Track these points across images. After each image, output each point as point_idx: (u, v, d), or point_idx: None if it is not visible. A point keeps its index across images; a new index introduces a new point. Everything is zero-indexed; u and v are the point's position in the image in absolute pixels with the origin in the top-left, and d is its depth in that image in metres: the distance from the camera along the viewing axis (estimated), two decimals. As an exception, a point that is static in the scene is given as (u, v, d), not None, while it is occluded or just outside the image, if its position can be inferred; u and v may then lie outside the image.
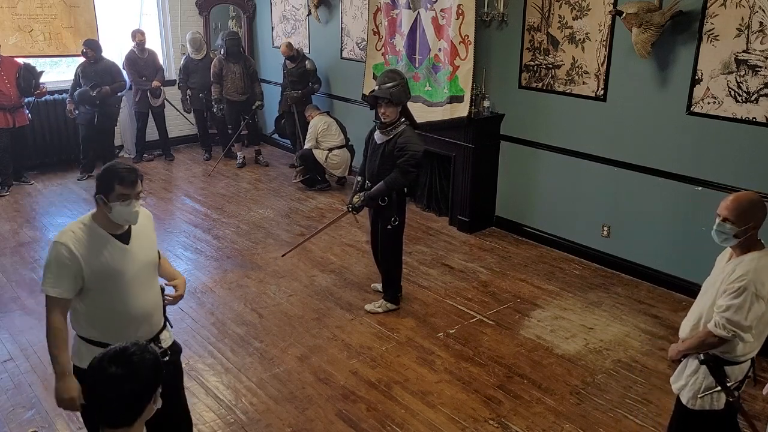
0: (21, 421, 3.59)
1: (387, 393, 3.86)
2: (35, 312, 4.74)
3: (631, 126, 5.12)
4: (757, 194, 2.66)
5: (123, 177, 2.56)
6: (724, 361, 2.64)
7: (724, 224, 2.60)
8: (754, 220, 2.57)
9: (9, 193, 7.28)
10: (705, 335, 2.62)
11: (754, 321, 2.53)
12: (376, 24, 6.94)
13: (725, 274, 2.61)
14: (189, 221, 6.58)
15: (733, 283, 2.53)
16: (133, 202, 2.57)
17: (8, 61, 7.18)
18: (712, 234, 2.67)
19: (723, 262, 2.75)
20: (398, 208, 4.63)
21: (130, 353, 1.78)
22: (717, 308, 2.57)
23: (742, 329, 2.51)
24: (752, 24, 4.30)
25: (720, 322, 2.54)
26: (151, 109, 8.42)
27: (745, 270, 2.53)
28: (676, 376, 2.85)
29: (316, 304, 4.90)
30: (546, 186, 5.89)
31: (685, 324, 2.81)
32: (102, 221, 2.61)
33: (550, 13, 5.49)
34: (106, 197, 2.54)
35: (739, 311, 2.50)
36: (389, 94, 4.35)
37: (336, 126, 7.42)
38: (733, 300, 2.52)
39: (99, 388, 1.75)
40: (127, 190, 2.55)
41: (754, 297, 2.50)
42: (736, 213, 2.57)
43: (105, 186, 2.55)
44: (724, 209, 2.61)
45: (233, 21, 9.58)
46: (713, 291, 2.66)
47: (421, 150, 4.49)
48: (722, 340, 2.57)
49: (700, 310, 2.71)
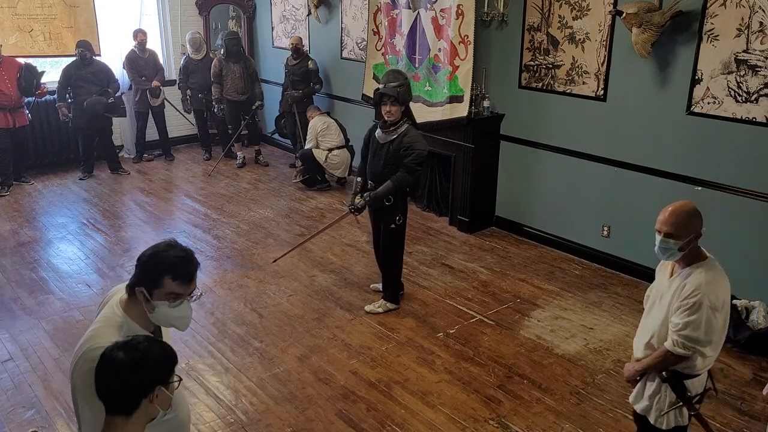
0: (21, 421, 3.59)
1: (387, 393, 3.86)
2: (35, 312, 4.75)
3: (631, 126, 5.12)
4: (690, 203, 2.59)
5: (178, 270, 2.00)
6: (684, 376, 2.59)
7: (667, 240, 2.51)
8: (694, 231, 2.50)
9: (9, 193, 7.28)
10: (663, 355, 2.56)
11: (712, 334, 2.47)
12: (376, 24, 6.94)
13: (675, 290, 2.53)
14: (189, 221, 6.58)
15: (687, 300, 2.46)
16: (185, 304, 2.04)
17: (9, 61, 7.18)
18: (656, 251, 2.59)
19: (666, 275, 2.67)
20: (402, 207, 4.64)
21: (137, 342, 1.82)
22: (673, 327, 2.50)
23: (701, 344, 2.47)
24: (752, 24, 4.30)
25: (678, 341, 2.48)
26: (151, 109, 8.42)
27: (696, 284, 2.46)
28: (635, 396, 2.79)
29: (316, 304, 4.90)
30: (546, 186, 5.89)
31: (638, 342, 2.75)
32: (136, 316, 2.05)
33: (550, 13, 5.49)
34: (149, 293, 1.99)
35: (697, 327, 2.44)
36: (396, 93, 4.36)
37: (336, 126, 7.42)
38: (688, 317, 2.45)
39: (102, 371, 1.80)
40: (180, 289, 2.00)
41: (709, 310, 2.45)
42: (678, 227, 2.49)
43: (150, 278, 1.99)
44: (664, 225, 2.53)
45: (233, 21, 9.57)
46: (663, 307, 2.59)
47: (427, 149, 4.52)
48: (681, 358, 2.52)
49: (652, 327, 2.64)
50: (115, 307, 2.06)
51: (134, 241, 6.03)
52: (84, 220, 6.59)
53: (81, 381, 1.95)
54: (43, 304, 4.87)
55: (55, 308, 4.81)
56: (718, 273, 2.53)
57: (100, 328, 2.02)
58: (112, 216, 6.73)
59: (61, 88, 7.54)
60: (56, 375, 3.97)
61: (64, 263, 5.58)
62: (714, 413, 3.67)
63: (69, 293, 5.04)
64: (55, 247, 5.94)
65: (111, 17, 8.30)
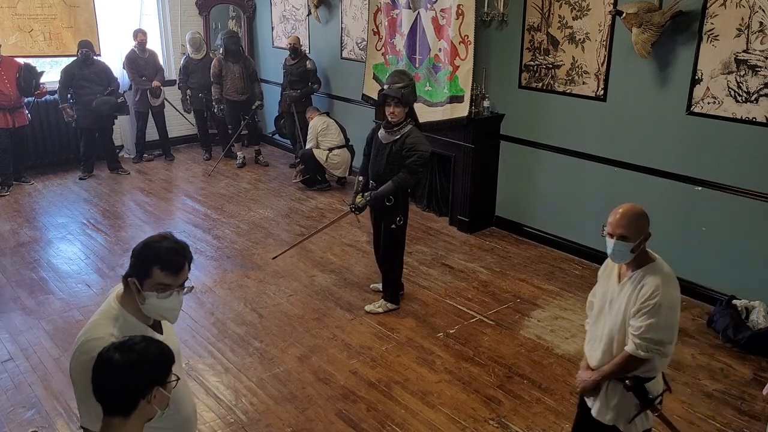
0: (21, 421, 3.58)
1: (387, 393, 3.86)
2: (35, 312, 4.75)
3: (631, 126, 5.12)
4: (638, 206, 2.57)
5: (166, 261, 2.00)
6: (645, 379, 2.57)
7: (621, 242, 2.48)
8: (644, 232, 2.49)
9: (9, 193, 7.28)
10: (625, 360, 2.51)
11: (673, 333, 2.48)
12: (376, 24, 6.94)
13: (630, 294, 2.50)
14: (189, 221, 6.58)
15: (647, 302, 2.43)
16: (174, 295, 2.03)
17: (8, 61, 7.18)
18: (610, 255, 2.55)
19: (612, 280, 2.63)
20: (403, 207, 4.64)
21: (133, 343, 1.81)
22: (634, 330, 2.46)
23: (664, 345, 2.46)
24: (752, 24, 4.30)
25: (642, 344, 2.45)
26: (151, 109, 8.42)
27: (654, 286, 2.44)
28: (599, 409, 2.68)
29: (316, 304, 4.90)
30: (546, 186, 5.88)
31: (591, 350, 2.70)
32: (132, 308, 2.06)
33: (550, 13, 5.49)
34: (140, 283, 2.00)
35: (660, 329, 2.43)
36: (400, 94, 4.36)
37: (335, 126, 7.42)
38: (650, 319, 2.42)
39: (98, 372, 1.79)
40: (169, 279, 2.00)
41: (669, 310, 2.44)
42: (631, 229, 2.47)
43: (141, 269, 2.00)
44: (617, 227, 2.50)
45: (233, 21, 9.57)
46: (618, 312, 2.54)
47: (429, 150, 4.52)
48: (644, 361, 2.49)
49: (609, 334, 2.59)
50: (112, 301, 2.08)
51: (134, 241, 5.96)
52: (84, 220, 6.59)
53: (78, 372, 1.97)
54: (43, 304, 4.87)
55: (55, 308, 4.81)
56: (669, 273, 2.53)
57: (97, 320, 2.05)
58: (112, 216, 6.73)
59: (63, 88, 7.53)
60: (56, 375, 3.97)
61: (64, 263, 5.58)
62: (714, 413, 3.68)
63: (69, 293, 5.04)
64: (55, 247, 5.94)
65: (111, 17, 8.30)
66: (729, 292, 4.64)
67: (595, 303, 2.74)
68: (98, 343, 1.94)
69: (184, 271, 2.05)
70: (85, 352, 1.94)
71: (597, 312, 2.69)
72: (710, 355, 4.26)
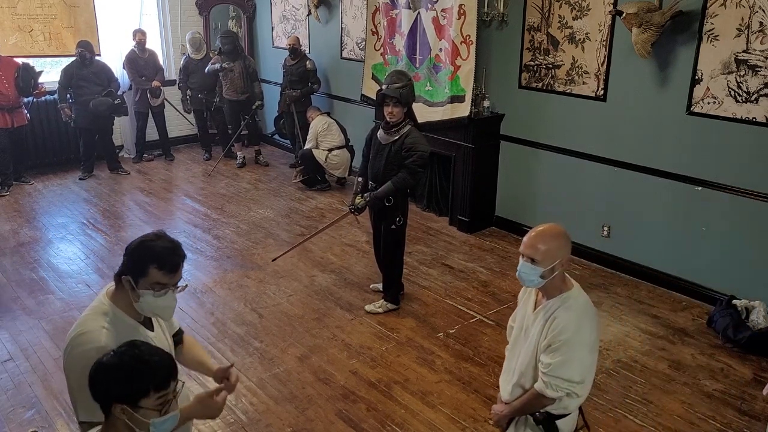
0: (21, 421, 3.58)
1: (387, 393, 3.86)
2: (35, 312, 4.75)
3: (631, 126, 5.12)
4: (559, 227, 2.36)
5: (163, 260, 2.00)
6: (557, 416, 2.37)
7: (528, 265, 2.27)
8: (559, 258, 2.26)
9: (9, 193, 7.28)
10: (533, 397, 2.33)
11: (586, 374, 2.29)
12: (374, 24, 6.94)
13: (542, 325, 2.30)
14: (189, 221, 6.58)
15: (557, 337, 2.23)
16: (170, 294, 2.04)
17: (7, 60, 7.17)
18: (518, 276, 2.33)
19: (529, 305, 2.43)
20: (402, 208, 4.64)
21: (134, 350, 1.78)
22: (543, 367, 2.27)
23: (575, 385, 2.26)
24: (752, 24, 4.30)
25: (551, 383, 2.25)
26: (151, 109, 8.42)
27: (566, 321, 2.24)
28: None
29: (316, 304, 4.90)
30: (546, 186, 5.88)
31: (504, 383, 2.50)
32: (123, 305, 2.06)
33: (550, 13, 5.49)
34: (135, 282, 2.00)
35: (569, 367, 2.23)
36: (398, 94, 4.35)
37: (336, 126, 7.42)
38: (559, 357, 2.23)
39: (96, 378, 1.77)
40: (165, 278, 2.01)
41: (581, 348, 2.25)
42: (541, 252, 2.25)
43: (136, 267, 2.01)
44: (527, 248, 2.28)
45: (233, 21, 9.57)
46: (530, 344, 2.35)
47: (428, 151, 4.52)
48: (553, 399, 2.30)
49: (520, 367, 2.40)
50: (102, 297, 2.10)
51: (134, 241, 6.02)
52: (84, 220, 6.59)
53: (71, 365, 1.99)
54: (43, 304, 4.87)
55: (55, 308, 4.81)
56: (585, 304, 2.34)
57: (87, 315, 2.07)
58: (112, 216, 6.73)
59: (62, 88, 7.53)
60: (56, 375, 3.96)
61: (64, 263, 5.58)
62: (714, 413, 3.68)
63: (69, 293, 5.04)
64: (55, 247, 5.94)
65: (111, 17, 8.30)
66: (729, 292, 4.64)
67: (513, 328, 2.54)
68: (90, 336, 1.97)
69: (180, 270, 2.07)
70: (77, 345, 1.97)
71: (513, 339, 2.50)
72: (710, 355, 4.26)
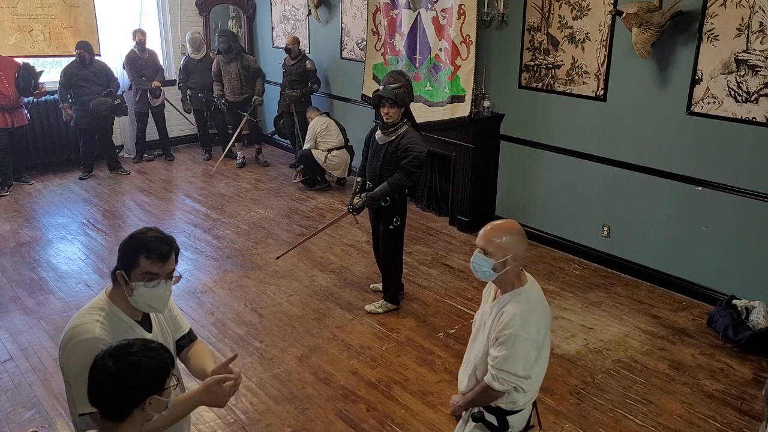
0: (21, 421, 3.58)
1: (387, 393, 3.86)
2: (35, 312, 4.75)
3: (631, 126, 5.12)
4: (515, 224, 2.39)
5: (151, 249, 2.02)
6: (506, 412, 2.41)
7: (480, 256, 2.32)
8: (512, 252, 2.29)
9: (9, 193, 7.28)
10: (483, 389, 2.37)
11: (530, 369, 2.31)
12: (375, 24, 6.94)
13: (493, 318, 2.35)
14: (189, 221, 6.58)
15: (503, 332, 2.27)
16: (162, 284, 2.04)
17: (7, 60, 7.18)
18: (471, 267, 2.39)
19: (489, 299, 2.48)
20: (400, 208, 4.63)
21: (131, 352, 1.78)
22: (491, 359, 2.32)
23: (520, 380, 2.29)
24: (752, 24, 4.30)
25: (498, 376, 2.29)
26: (151, 109, 8.42)
27: (512, 315, 2.28)
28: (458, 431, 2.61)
29: (316, 304, 4.90)
30: (546, 186, 5.88)
31: (462, 374, 2.56)
32: (121, 303, 2.07)
33: (550, 13, 5.49)
34: (127, 274, 2.01)
35: (514, 362, 2.27)
36: (394, 95, 4.35)
37: (335, 126, 7.41)
38: (504, 351, 2.27)
39: (93, 380, 1.77)
40: (155, 268, 2.02)
41: (527, 343, 2.27)
42: (494, 244, 2.29)
43: (127, 259, 2.03)
44: (481, 239, 2.33)
45: (233, 21, 9.58)
46: (484, 337, 2.40)
47: (425, 151, 4.50)
48: (502, 392, 2.34)
49: (474, 360, 2.45)
50: (101, 295, 2.13)
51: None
52: (84, 220, 6.59)
53: (67, 358, 2.00)
54: (43, 304, 4.87)
55: (55, 308, 4.81)
56: (536, 301, 2.38)
57: (83, 310, 2.09)
58: (112, 216, 6.73)
59: (63, 89, 7.53)
60: (56, 375, 3.96)
61: (64, 263, 5.58)
62: (714, 413, 3.68)
63: (69, 293, 5.04)
64: (55, 247, 5.94)
65: (111, 17, 8.30)
66: (729, 292, 4.64)
67: (475, 323, 2.59)
68: (84, 327, 1.98)
69: (170, 260, 2.06)
70: (72, 337, 1.98)
71: (474, 333, 2.54)
72: (710, 355, 4.26)
